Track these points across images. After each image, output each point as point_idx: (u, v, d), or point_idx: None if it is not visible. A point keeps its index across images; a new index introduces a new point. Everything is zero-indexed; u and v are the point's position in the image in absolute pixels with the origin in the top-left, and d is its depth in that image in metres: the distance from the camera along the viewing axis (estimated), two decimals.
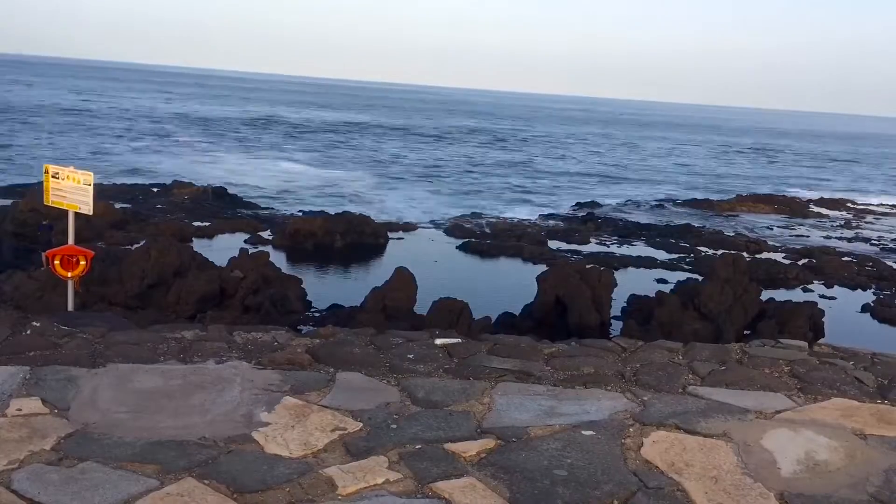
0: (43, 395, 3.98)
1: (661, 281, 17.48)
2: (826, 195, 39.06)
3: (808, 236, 26.74)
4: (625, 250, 21.62)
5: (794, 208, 33.33)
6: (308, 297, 13.89)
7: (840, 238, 26.74)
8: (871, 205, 37.46)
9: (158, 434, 3.62)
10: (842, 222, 31.06)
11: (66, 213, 7.77)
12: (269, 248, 17.15)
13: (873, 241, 26.41)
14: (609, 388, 4.58)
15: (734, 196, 35.79)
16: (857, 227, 30.16)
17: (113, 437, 3.57)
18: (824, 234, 27.62)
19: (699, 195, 36.51)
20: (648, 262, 19.80)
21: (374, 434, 3.75)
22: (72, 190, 7.54)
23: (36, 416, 3.74)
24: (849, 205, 36.69)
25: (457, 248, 20.24)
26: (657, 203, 33.19)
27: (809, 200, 36.72)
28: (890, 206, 37.58)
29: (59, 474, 3.21)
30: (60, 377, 4.22)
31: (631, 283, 16.21)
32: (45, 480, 3.15)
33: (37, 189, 12.98)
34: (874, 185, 49.85)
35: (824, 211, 34.13)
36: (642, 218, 28.19)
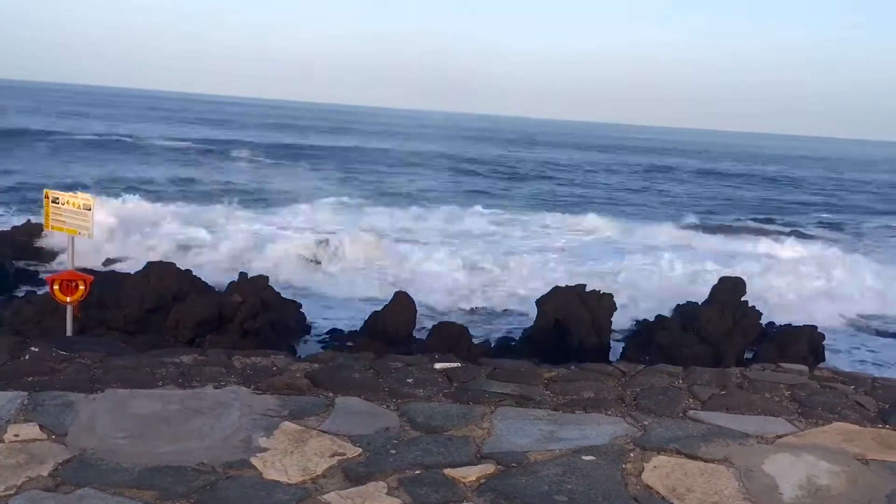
0: (40, 420, 3.96)
1: (661, 304, 17.44)
2: None
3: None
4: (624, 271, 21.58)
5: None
6: (307, 322, 13.88)
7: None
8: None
9: (156, 460, 3.60)
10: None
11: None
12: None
13: None
14: (609, 412, 4.56)
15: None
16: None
17: (110, 463, 3.55)
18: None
19: None
20: (648, 284, 19.76)
21: (373, 459, 3.73)
22: (72, 215, 7.56)
23: (33, 442, 3.73)
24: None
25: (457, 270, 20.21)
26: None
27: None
28: None
29: (57, 501, 3.19)
30: (58, 402, 4.21)
31: (630, 306, 16.19)
32: None
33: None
34: None
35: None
36: (641, 238, 28.18)
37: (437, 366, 5.22)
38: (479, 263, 20.01)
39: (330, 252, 19.35)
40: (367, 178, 44.02)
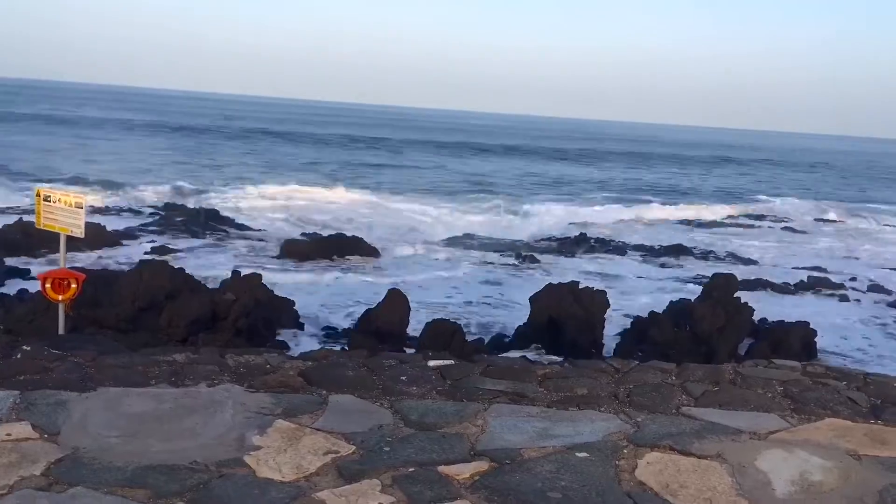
0: (33, 419, 3.95)
1: (654, 301, 17.49)
2: None
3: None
4: (618, 269, 21.67)
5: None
6: (301, 319, 13.86)
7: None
8: None
9: (149, 458, 3.59)
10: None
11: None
12: (261, 270, 17.10)
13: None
14: (603, 409, 4.57)
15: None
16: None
17: (103, 462, 3.54)
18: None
19: None
20: (641, 282, 19.84)
21: (366, 457, 3.73)
22: (63, 213, 7.53)
23: (26, 441, 3.71)
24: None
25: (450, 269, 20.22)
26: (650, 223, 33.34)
27: None
28: None
29: (50, 500, 3.18)
30: (51, 401, 4.19)
31: (624, 303, 16.23)
32: None
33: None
34: None
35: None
36: (634, 237, 28.25)
37: (431, 363, 5.22)
38: None
39: None
40: None
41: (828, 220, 37.48)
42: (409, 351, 8.59)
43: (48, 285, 7.38)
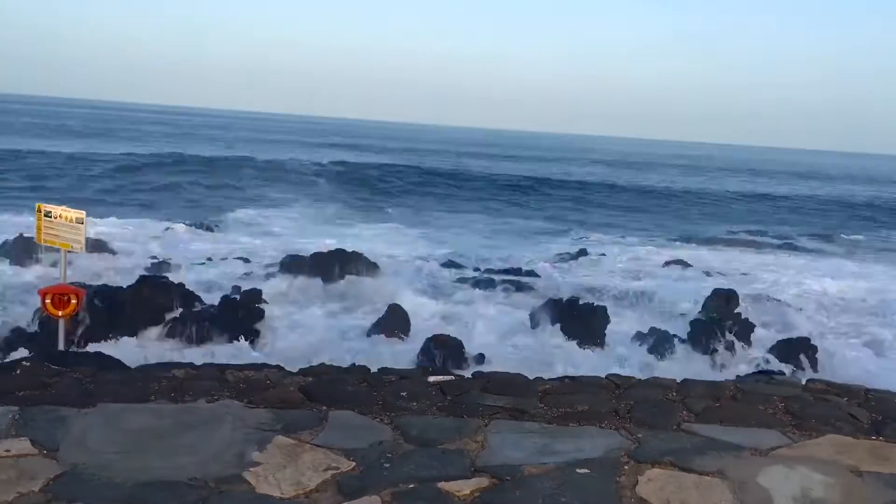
0: (32, 435, 3.94)
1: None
2: None
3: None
4: (620, 284, 21.62)
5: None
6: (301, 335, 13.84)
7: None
8: None
9: (148, 475, 3.58)
10: None
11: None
12: (261, 286, 17.06)
13: None
14: (603, 425, 4.55)
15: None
16: None
17: (102, 478, 3.53)
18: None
19: None
20: (642, 297, 19.79)
21: (366, 473, 3.72)
22: (64, 228, 7.55)
23: (24, 457, 3.71)
24: None
25: (452, 283, 20.18)
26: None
27: None
28: None
29: None
30: (50, 417, 4.18)
31: (625, 318, 16.18)
32: None
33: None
34: None
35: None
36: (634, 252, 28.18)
37: (431, 379, 5.21)
38: None
39: None
40: None
41: None
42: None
43: (48, 301, 7.38)
